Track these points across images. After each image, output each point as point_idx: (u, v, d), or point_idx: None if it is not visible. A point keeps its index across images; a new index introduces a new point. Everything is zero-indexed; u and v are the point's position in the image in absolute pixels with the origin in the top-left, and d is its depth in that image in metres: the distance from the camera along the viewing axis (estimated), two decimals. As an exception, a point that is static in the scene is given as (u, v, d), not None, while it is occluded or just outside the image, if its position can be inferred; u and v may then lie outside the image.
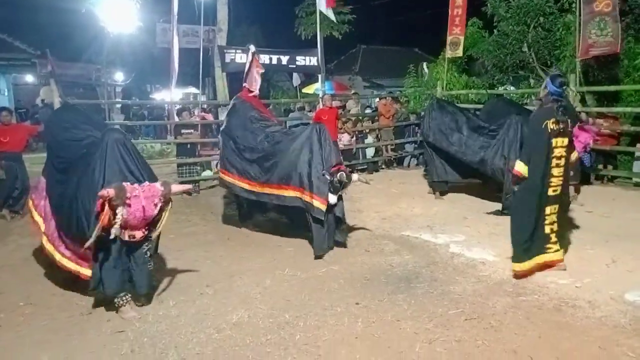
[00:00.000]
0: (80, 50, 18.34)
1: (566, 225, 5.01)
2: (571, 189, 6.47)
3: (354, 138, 10.46)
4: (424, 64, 13.40)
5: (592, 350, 3.27)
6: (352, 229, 6.23)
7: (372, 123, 11.24)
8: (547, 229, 4.42)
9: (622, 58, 9.39)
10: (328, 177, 5.17)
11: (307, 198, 5.27)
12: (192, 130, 9.10)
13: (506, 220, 6.33)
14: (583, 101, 9.39)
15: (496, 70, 11.78)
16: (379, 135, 11.13)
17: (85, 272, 4.00)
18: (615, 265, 4.66)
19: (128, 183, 3.71)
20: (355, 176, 5.49)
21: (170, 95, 12.19)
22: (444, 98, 10.71)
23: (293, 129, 7.55)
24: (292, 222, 6.22)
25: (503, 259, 4.98)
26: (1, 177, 7.07)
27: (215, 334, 3.63)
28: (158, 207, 3.79)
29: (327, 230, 5.36)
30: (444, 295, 4.18)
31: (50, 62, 8.97)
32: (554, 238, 4.46)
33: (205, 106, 12.39)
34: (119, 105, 20.04)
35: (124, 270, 3.94)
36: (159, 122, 18.61)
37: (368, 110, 12.67)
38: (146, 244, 3.99)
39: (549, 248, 4.45)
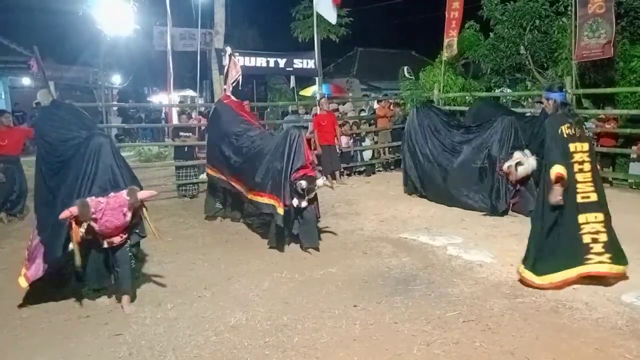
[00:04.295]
0: (77, 53, 18.32)
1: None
2: None
3: (352, 140, 10.48)
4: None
5: (589, 352, 3.28)
6: (349, 231, 6.24)
7: (370, 126, 11.27)
8: (587, 239, 4.18)
9: (617, 61, 9.43)
10: (289, 185, 5.28)
11: (275, 203, 5.37)
12: (189, 134, 9.12)
13: (503, 222, 6.47)
14: (579, 103, 9.43)
15: (493, 73, 11.82)
16: (376, 138, 11.15)
17: (21, 280, 4.14)
18: (611, 267, 4.66)
19: (92, 197, 3.80)
20: (320, 181, 5.52)
21: (167, 97, 12.19)
22: (440, 99, 10.82)
23: (271, 133, 7.61)
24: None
25: (500, 261, 5.01)
26: (0, 180, 7.07)
27: (213, 336, 3.63)
28: (128, 216, 3.92)
29: (307, 230, 5.50)
30: (441, 298, 4.19)
31: (36, 59, 8.77)
32: (597, 249, 4.15)
33: (202, 109, 12.39)
34: (116, 108, 20.03)
35: (97, 267, 4.12)
36: (156, 124, 18.63)
37: (363, 113, 12.72)
38: (128, 244, 4.13)
39: (590, 259, 4.15)
